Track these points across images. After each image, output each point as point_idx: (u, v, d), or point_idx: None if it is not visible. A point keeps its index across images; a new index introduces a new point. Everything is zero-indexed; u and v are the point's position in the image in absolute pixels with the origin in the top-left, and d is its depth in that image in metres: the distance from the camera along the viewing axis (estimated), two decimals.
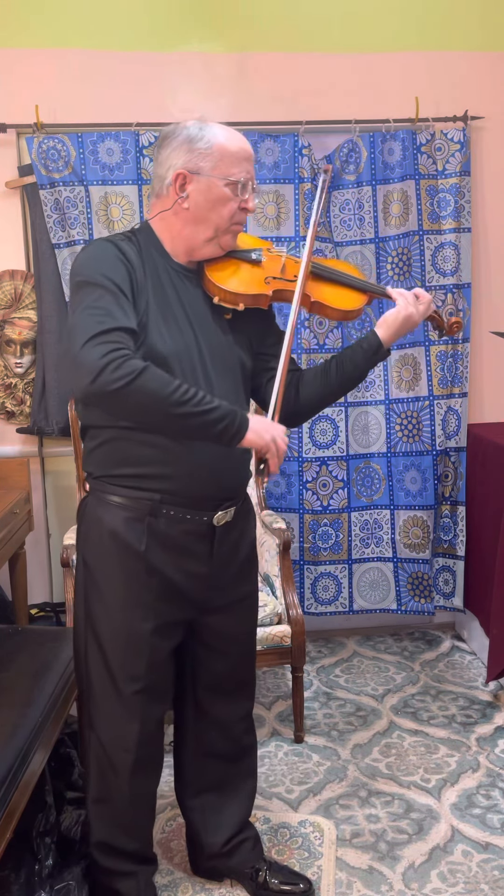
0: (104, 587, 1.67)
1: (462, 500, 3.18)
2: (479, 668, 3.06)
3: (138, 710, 1.69)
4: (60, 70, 2.92)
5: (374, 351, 1.75)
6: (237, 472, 1.72)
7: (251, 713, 1.95)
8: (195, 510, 1.65)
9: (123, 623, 1.66)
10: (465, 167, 3.03)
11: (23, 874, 1.75)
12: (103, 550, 1.66)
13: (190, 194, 1.61)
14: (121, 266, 1.56)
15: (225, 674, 1.85)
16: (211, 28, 2.98)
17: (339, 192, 3.05)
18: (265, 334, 1.79)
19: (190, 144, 1.60)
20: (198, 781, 1.92)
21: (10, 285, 3.00)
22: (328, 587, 3.21)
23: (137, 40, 2.95)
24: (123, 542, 1.63)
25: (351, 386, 1.80)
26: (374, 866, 2.05)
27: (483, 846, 2.11)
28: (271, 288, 1.68)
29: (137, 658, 1.67)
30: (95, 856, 1.81)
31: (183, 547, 1.66)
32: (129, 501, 1.63)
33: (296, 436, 3.11)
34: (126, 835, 1.80)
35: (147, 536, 1.63)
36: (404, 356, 3.12)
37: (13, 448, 3.12)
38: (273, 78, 3.03)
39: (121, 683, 1.68)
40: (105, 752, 1.73)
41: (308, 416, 1.83)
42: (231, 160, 1.61)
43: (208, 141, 1.60)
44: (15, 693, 1.90)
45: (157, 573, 1.65)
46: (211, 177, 1.60)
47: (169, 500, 1.62)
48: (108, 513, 1.64)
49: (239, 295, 1.65)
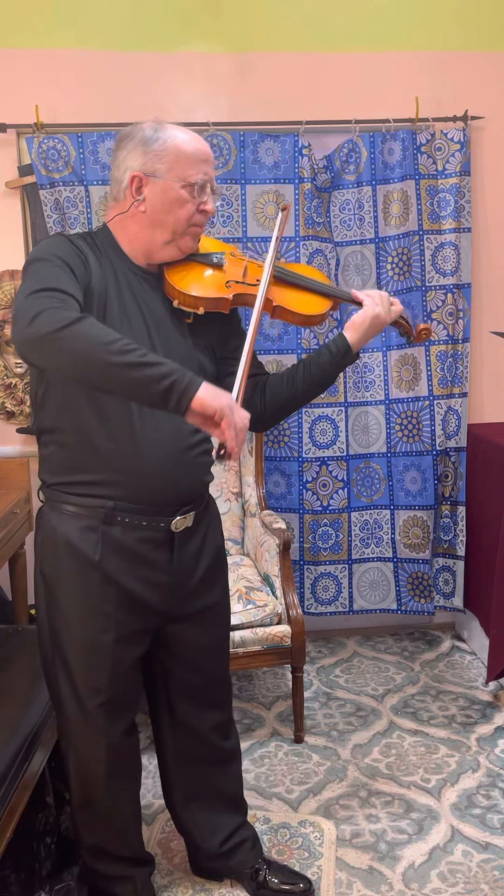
0: (63, 599, 1.62)
1: (462, 500, 3.17)
2: (479, 668, 3.06)
3: (101, 723, 1.67)
4: (60, 70, 2.92)
5: (342, 354, 1.70)
6: (195, 474, 1.67)
7: (230, 720, 1.91)
8: (151, 516, 1.60)
9: (84, 634, 1.62)
10: (465, 167, 3.03)
11: (23, 874, 1.75)
12: (59, 561, 1.61)
13: (146, 197, 1.58)
14: (74, 255, 1.53)
15: (197, 685, 1.81)
16: (211, 28, 2.98)
17: (339, 192, 3.05)
18: (228, 338, 1.75)
19: (145, 146, 1.58)
20: (184, 789, 1.89)
21: (10, 285, 3.00)
22: (328, 587, 3.21)
23: (137, 40, 2.95)
24: (78, 551, 1.59)
25: (318, 390, 1.75)
26: (374, 866, 2.05)
27: (483, 846, 2.11)
28: (232, 292, 1.65)
29: (100, 670, 1.63)
30: (88, 860, 1.80)
31: (140, 555, 1.62)
32: (81, 510, 1.58)
33: (296, 436, 3.11)
34: (114, 840, 1.79)
35: (101, 545, 1.58)
36: (404, 356, 3.12)
37: (13, 448, 3.12)
38: (273, 78, 3.03)
39: (84, 697, 1.64)
40: (79, 763, 1.71)
41: (273, 420, 1.77)
42: (187, 162, 1.58)
43: (164, 142, 1.58)
44: (15, 693, 1.90)
45: (114, 583, 1.60)
46: (166, 179, 1.57)
47: (123, 506, 1.58)
48: (63, 522, 1.60)
49: (199, 298, 1.62)
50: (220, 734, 1.88)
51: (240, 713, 2.76)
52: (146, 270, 1.64)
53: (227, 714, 1.90)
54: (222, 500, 3.03)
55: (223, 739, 1.89)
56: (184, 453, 1.61)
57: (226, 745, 1.90)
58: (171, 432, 1.59)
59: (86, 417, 1.55)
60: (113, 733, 1.69)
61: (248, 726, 2.69)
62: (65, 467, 1.60)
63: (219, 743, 1.88)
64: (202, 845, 1.92)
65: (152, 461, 1.57)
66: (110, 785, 1.72)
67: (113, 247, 1.63)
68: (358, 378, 3.13)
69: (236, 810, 1.96)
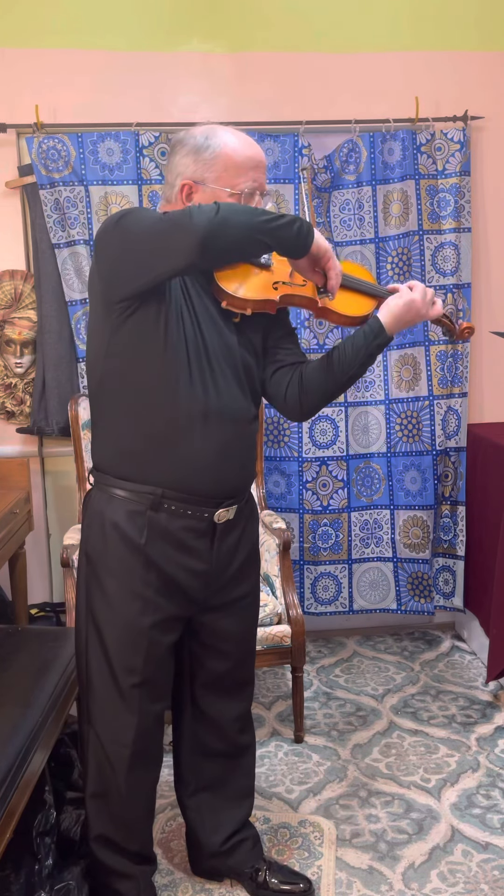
0: (105, 580, 1.67)
1: (462, 500, 3.18)
2: (479, 668, 3.06)
3: (136, 704, 1.70)
4: (60, 70, 2.92)
5: (374, 335, 1.69)
6: (240, 470, 1.72)
7: (249, 713, 1.95)
8: (196, 506, 1.66)
9: (123, 616, 1.67)
10: (465, 167, 3.03)
11: (23, 874, 1.75)
12: (105, 543, 1.67)
13: (196, 203, 1.59)
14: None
15: (223, 673, 1.85)
16: (211, 28, 2.98)
17: (339, 192, 3.05)
18: (273, 329, 1.78)
19: (196, 154, 1.61)
20: (195, 780, 1.92)
21: (10, 285, 3.00)
22: (328, 587, 3.21)
23: (137, 40, 2.95)
24: (124, 534, 1.64)
25: (354, 373, 1.72)
26: (374, 866, 2.05)
27: (483, 846, 2.11)
28: (279, 293, 1.66)
29: (136, 651, 1.68)
30: (95, 851, 1.80)
31: (183, 542, 1.67)
32: (131, 495, 1.64)
33: (296, 436, 3.11)
34: (125, 832, 1.79)
35: (147, 530, 1.64)
36: (404, 356, 3.12)
37: (13, 448, 3.12)
38: (273, 78, 3.03)
39: (120, 676, 1.68)
40: (102, 747, 1.73)
41: (314, 409, 1.76)
42: (236, 170, 1.60)
43: (213, 151, 1.60)
44: (15, 693, 1.90)
45: (156, 567, 1.66)
46: (215, 188, 1.60)
47: (171, 494, 1.63)
48: (111, 506, 1.66)
49: (247, 300, 1.63)
50: (239, 726, 1.91)
51: None
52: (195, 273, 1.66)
53: (247, 707, 1.94)
54: None
55: (241, 733, 1.92)
56: (235, 448, 1.66)
57: (242, 740, 1.93)
58: (225, 426, 1.64)
59: (142, 409, 1.61)
60: (146, 716, 1.72)
61: None
62: (118, 454, 1.66)
63: (236, 736, 1.91)
64: (204, 841, 1.93)
65: (204, 453, 1.63)
66: (131, 772, 1.74)
67: None
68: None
69: (244, 807, 1.97)
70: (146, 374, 1.60)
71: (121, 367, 1.61)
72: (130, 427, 1.63)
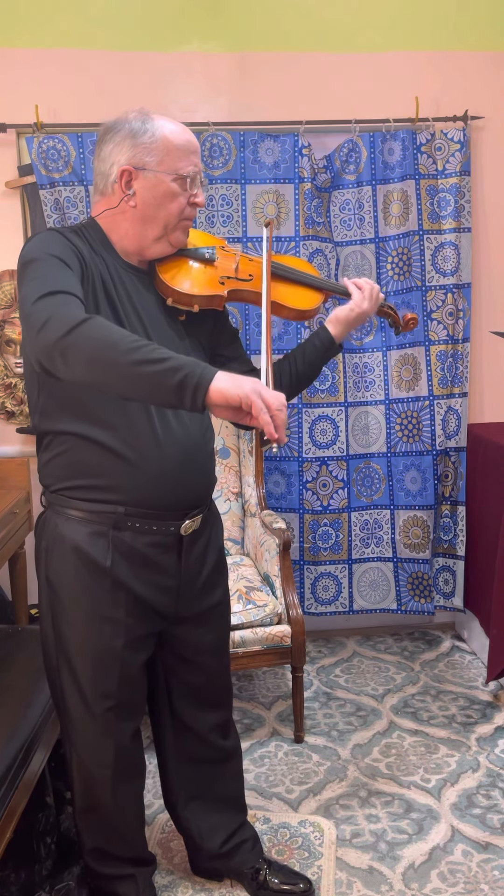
0: (70, 605, 1.59)
1: (462, 500, 3.18)
2: (479, 668, 3.06)
3: (112, 727, 1.65)
4: (60, 70, 2.92)
5: (325, 348, 1.72)
6: (203, 477, 1.66)
7: (230, 719, 1.91)
8: (162, 521, 1.58)
9: (93, 641, 1.60)
10: (465, 167, 3.03)
11: (23, 874, 1.75)
12: (67, 567, 1.57)
13: (136, 191, 1.54)
14: (69, 252, 1.49)
15: (199, 684, 1.80)
16: (211, 28, 2.98)
17: (339, 192, 3.05)
18: (219, 334, 1.74)
19: (133, 139, 1.53)
20: (184, 789, 1.88)
21: (10, 285, 3.00)
22: (328, 587, 3.21)
23: (137, 40, 2.95)
24: (88, 558, 1.55)
25: (305, 384, 1.76)
26: (374, 866, 2.05)
27: (483, 846, 2.11)
28: (226, 288, 1.63)
29: (109, 675, 1.62)
30: (90, 864, 1.79)
31: (150, 560, 1.60)
32: (90, 515, 1.55)
33: (296, 436, 3.11)
34: (117, 841, 1.78)
35: (112, 551, 1.55)
36: (404, 356, 3.12)
37: (13, 448, 3.12)
38: (273, 78, 3.03)
39: (92, 702, 1.63)
40: (85, 766, 1.70)
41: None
42: (178, 154, 1.54)
43: (153, 134, 1.53)
44: (15, 693, 1.90)
45: (124, 587, 1.58)
46: (158, 172, 1.53)
47: (133, 511, 1.54)
48: (70, 528, 1.56)
49: (193, 296, 1.59)
50: (220, 734, 1.87)
51: (240, 713, 2.76)
52: (138, 268, 1.62)
53: (227, 714, 1.90)
54: (222, 500, 3.03)
55: (223, 739, 1.88)
56: (194, 455, 1.59)
57: (226, 745, 1.89)
58: (182, 434, 1.57)
59: (90, 421, 1.51)
60: (121, 736, 1.68)
61: (248, 726, 2.69)
62: (70, 472, 1.55)
63: (219, 743, 1.87)
64: (202, 846, 1.92)
65: (164, 465, 1.54)
66: (116, 789, 1.71)
67: (104, 243, 1.59)
68: (358, 378, 3.13)
69: (236, 810, 1.95)
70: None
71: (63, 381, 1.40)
72: (81, 441, 1.52)
